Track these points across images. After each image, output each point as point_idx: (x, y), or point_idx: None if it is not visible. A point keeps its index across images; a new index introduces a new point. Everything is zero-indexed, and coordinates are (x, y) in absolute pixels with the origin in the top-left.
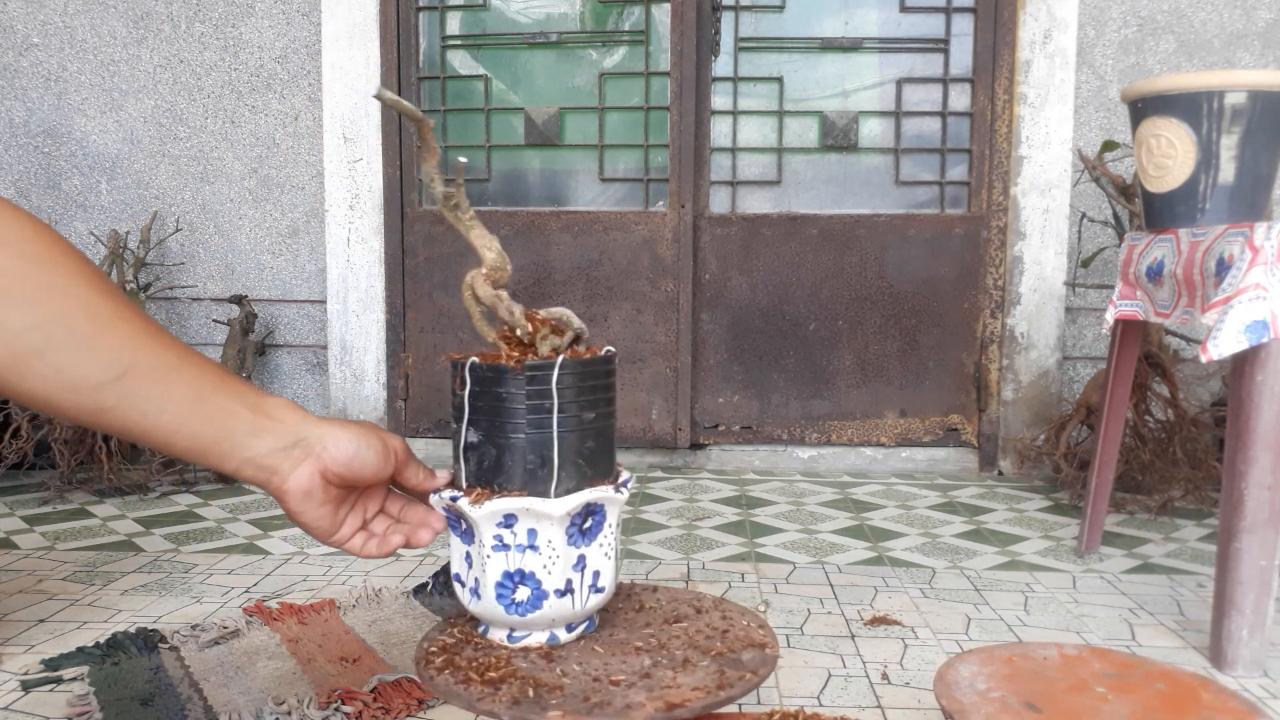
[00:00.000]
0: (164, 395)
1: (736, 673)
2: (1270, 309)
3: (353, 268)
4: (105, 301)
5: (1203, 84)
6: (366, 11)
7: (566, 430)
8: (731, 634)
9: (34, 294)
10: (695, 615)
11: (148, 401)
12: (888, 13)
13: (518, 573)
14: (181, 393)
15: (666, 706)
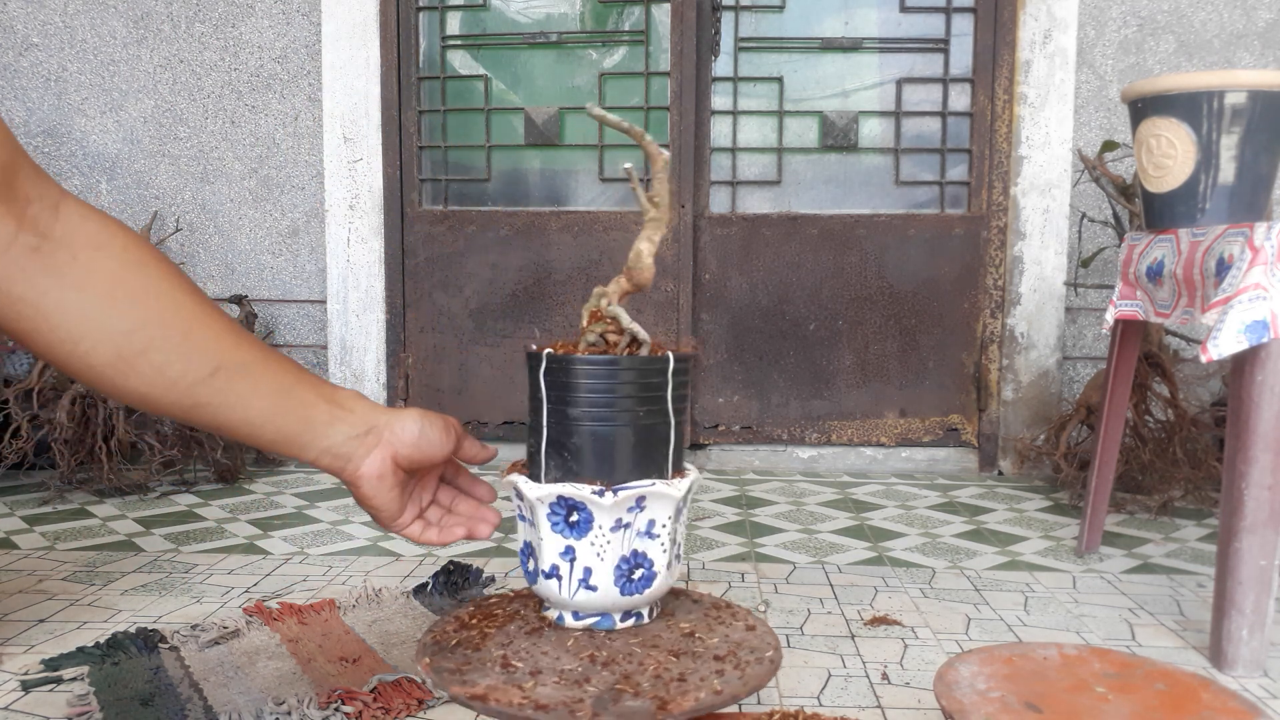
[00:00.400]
0: (252, 391)
1: (737, 676)
2: (1270, 309)
3: (353, 268)
4: (195, 303)
5: (1203, 84)
6: (366, 11)
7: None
8: (734, 638)
9: (136, 296)
10: (702, 617)
11: (237, 397)
12: (888, 13)
13: (633, 554)
14: (267, 388)
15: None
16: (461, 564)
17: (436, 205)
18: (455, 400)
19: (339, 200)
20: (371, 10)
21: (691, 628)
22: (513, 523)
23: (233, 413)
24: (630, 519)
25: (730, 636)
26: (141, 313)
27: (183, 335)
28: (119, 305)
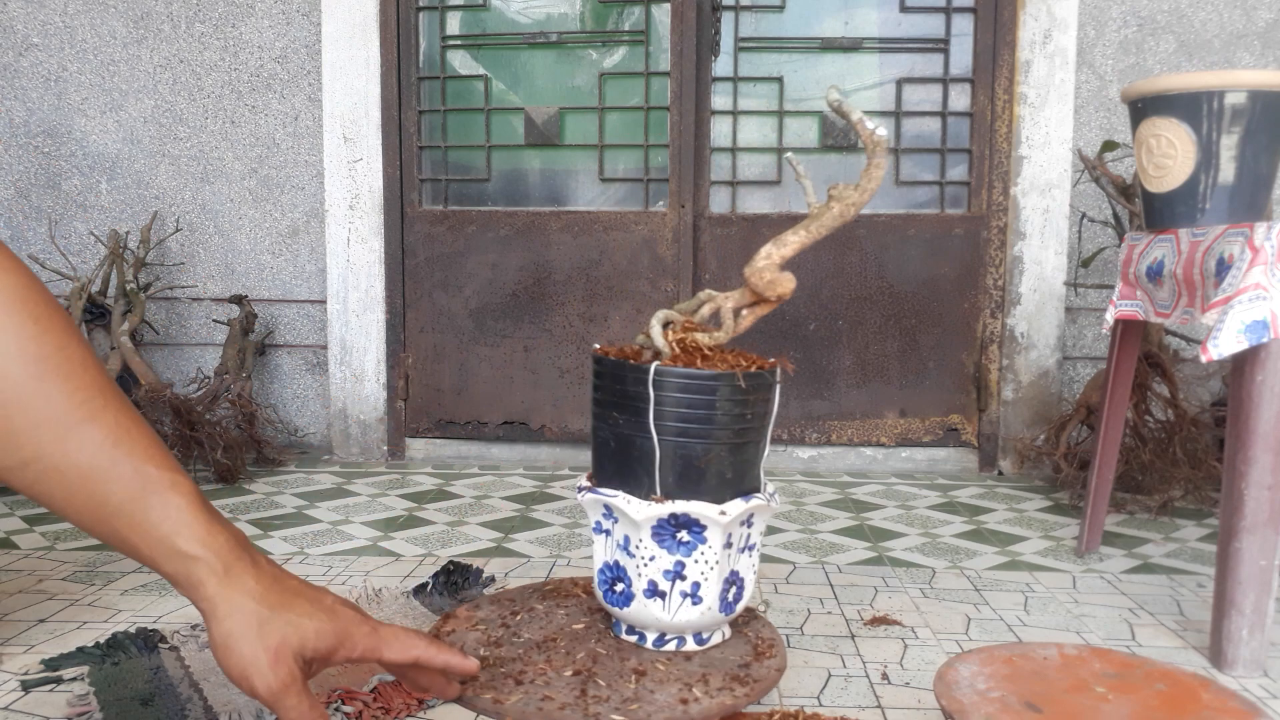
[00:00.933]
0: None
1: (744, 688)
2: (1270, 309)
3: (353, 268)
4: (28, 373)
5: (1203, 84)
6: (366, 11)
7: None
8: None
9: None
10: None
11: (53, 499)
12: (888, 13)
13: (732, 572)
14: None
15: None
16: (462, 564)
17: (436, 205)
18: (455, 400)
19: (339, 200)
20: (371, 10)
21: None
22: (510, 524)
23: (55, 507)
24: (737, 535)
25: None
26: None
27: (33, 381)
28: None
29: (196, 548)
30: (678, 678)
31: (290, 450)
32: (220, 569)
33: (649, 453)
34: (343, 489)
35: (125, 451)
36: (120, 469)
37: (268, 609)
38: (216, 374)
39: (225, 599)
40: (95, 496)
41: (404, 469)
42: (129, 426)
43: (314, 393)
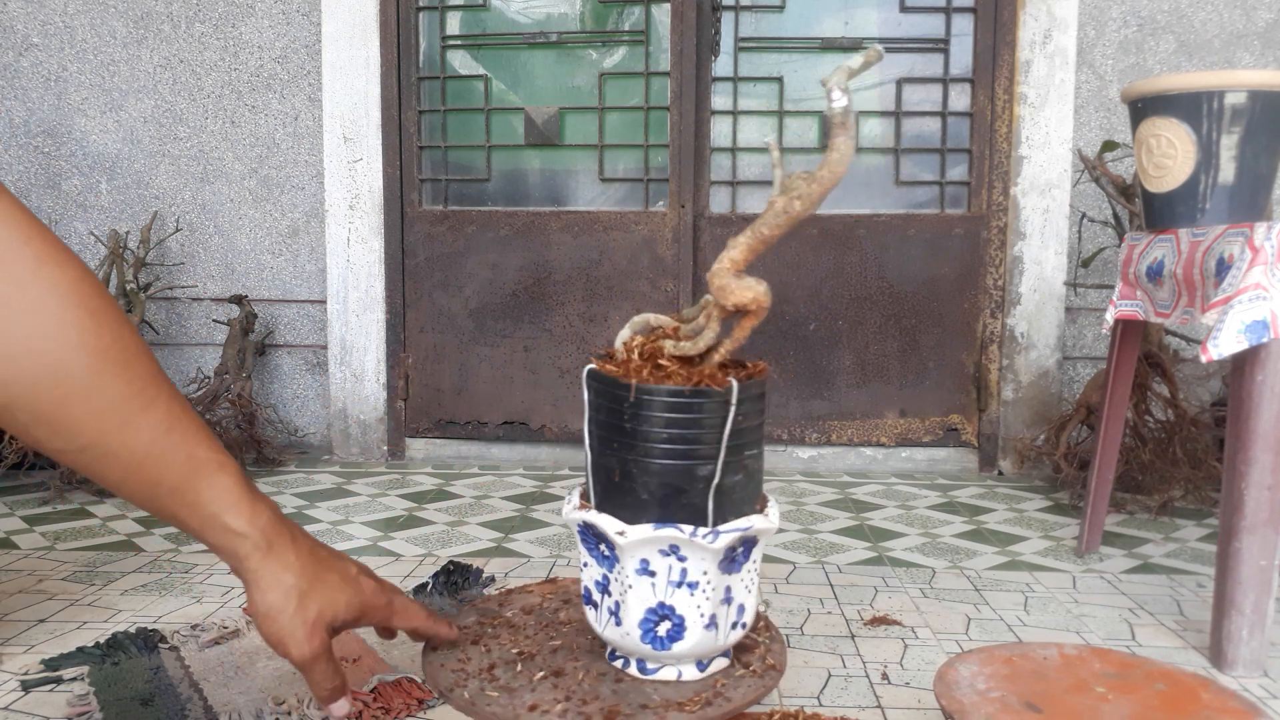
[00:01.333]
0: (120, 480)
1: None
2: (1270, 309)
3: (353, 268)
4: (86, 365)
5: (1203, 84)
6: (366, 11)
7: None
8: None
9: (12, 351)
10: None
11: (109, 479)
12: (888, 13)
13: (726, 590)
14: (138, 484)
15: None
16: (462, 564)
17: (436, 205)
18: (455, 400)
19: (339, 200)
20: (371, 10)
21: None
22: (510, 524)
23: (109, 486)
24: (730, 559)
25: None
26: (11, 370)
27: (57, 403)
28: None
29: (243, 525)
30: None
31: (290, 450)
32: (264, 545)
33: (641, 475)
34: (343, 489)
35: (178, 437)
36: (174, 454)
37: (305, 583)
38: (216, 374)
39: (268, 573)
40: (150, 479)
41: (404, 469)
42: (179, 413)
43: (314, 393)
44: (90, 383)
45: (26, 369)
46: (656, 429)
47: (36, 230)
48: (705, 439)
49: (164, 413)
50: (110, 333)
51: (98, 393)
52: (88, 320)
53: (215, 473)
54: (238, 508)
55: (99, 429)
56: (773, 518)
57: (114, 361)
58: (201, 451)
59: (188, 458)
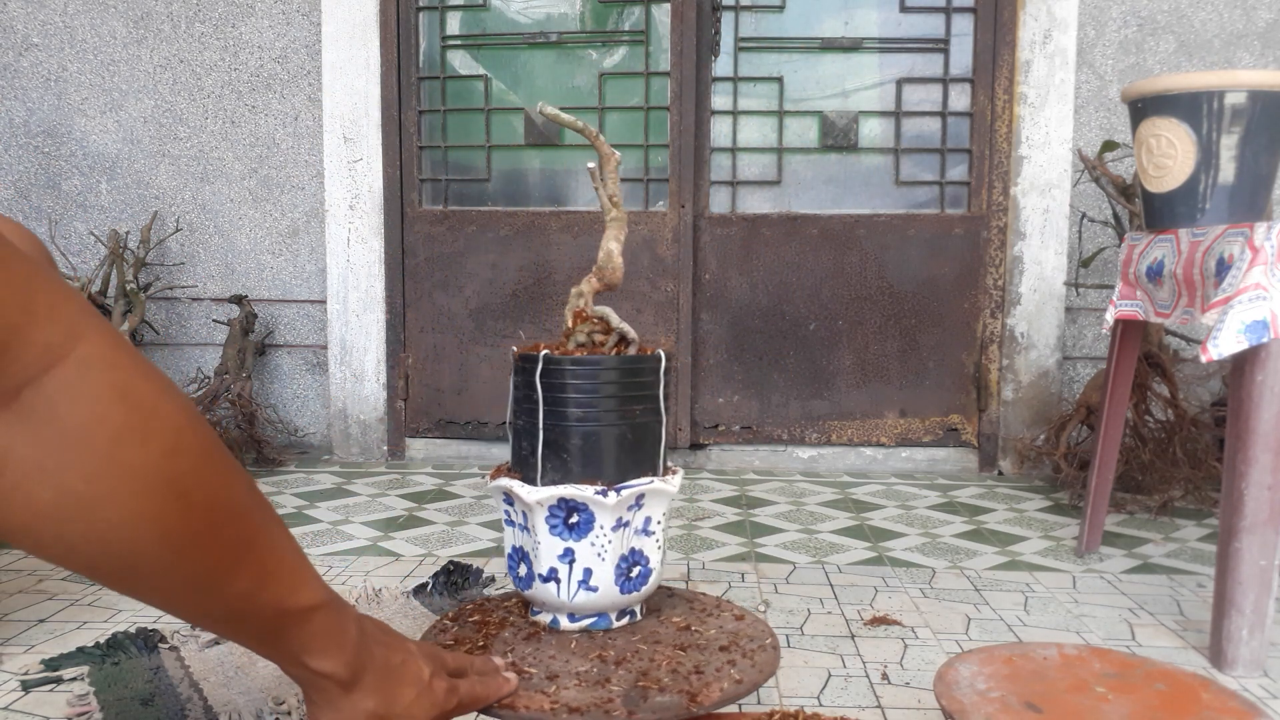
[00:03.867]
0: (197, 624)
1: (749, 664)
2: (1270, 309)
3: (353, 268)
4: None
5: (1203, 84)
6: (366, 11)
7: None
8: (729, 629)
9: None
10: (689, 610)
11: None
12: (888, 13)
13: (631, 552)
14: (217, 631)
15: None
16: (461, 564)
17: (436, 205)
18: (455, 400)
19: (339, 200)
20: (371, 10)
21: (684, 621)
22: None
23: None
24: (630, 517)
25: (724, 627)
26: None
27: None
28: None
29: (328, 666)
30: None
31: (290, 450)
32: (348, 680)
33: (532, 437)
34: (343, 489)
35: (267, 597)
36: (260, 614)
37: (384, 710)
38: (216, 374)
39: (349, 704)
40: (232, 632)
41: (404, 469)
42: (271, 566)
43: (314, 393)
44: (165, 568)
45: (86, 557)
46: (663, 391)
47: (120, 390)
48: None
49: (254, 575)
50: (200, 512)
51: (173, 575)
52: (171, 505)
53: (304, 622)
54: (325, 650)
55: (174, 601)
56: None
57: (199, 543)
58: (292, 601)
59: (276, 614)
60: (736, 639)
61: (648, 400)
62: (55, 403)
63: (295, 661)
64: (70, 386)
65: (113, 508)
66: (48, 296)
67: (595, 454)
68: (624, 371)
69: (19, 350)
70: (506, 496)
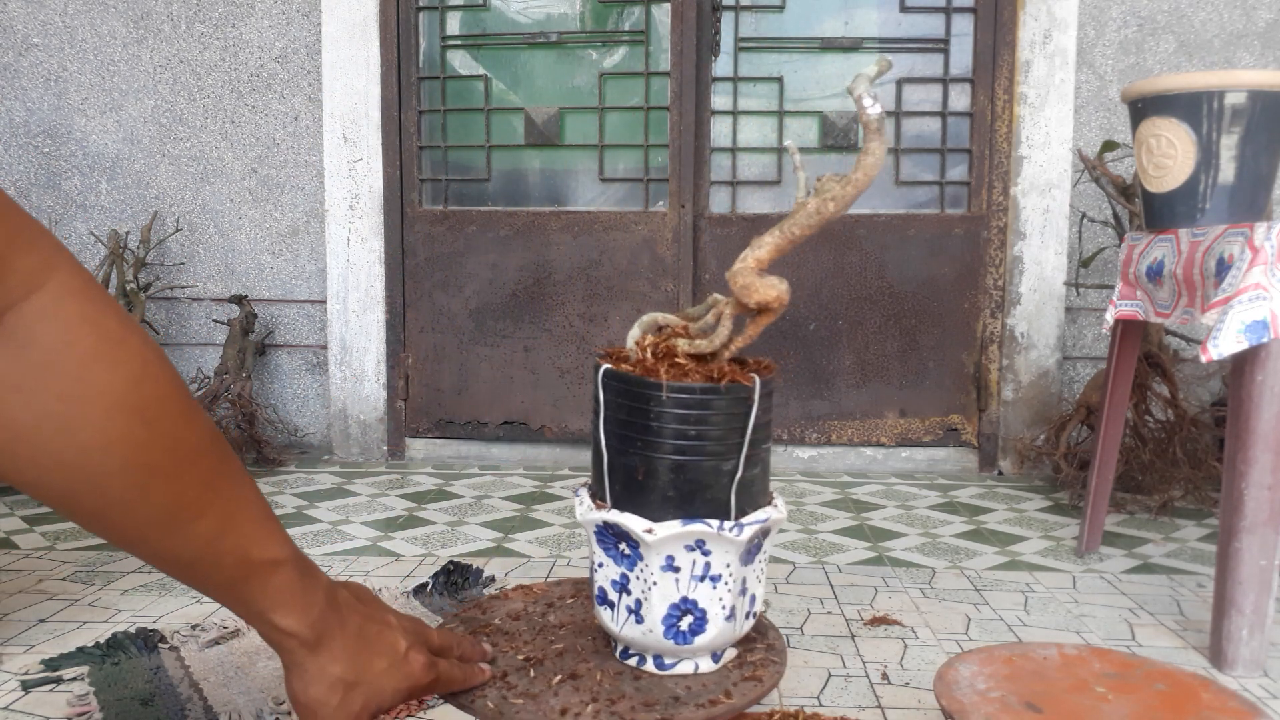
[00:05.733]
0: (164, 569)
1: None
2: (1270, 309)
3: (353, 268)
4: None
5: (1203, 84)
6: (366, 11)
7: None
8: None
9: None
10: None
11: (152, 564)
12: (888, 13)
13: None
14: (183, 577)
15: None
16: (462, 564)
17: (436, 205)
18: (455, 400)
19: (339, 200)
20: (371, 10)
21: None
22: (510, 524)
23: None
24: (690, 561)
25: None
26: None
27: (93, 514)
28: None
29: (292, 624)
30: None
31: (290, 450)
32: (312, 641)
33: (599, 457)
34: (343, 489)
35: (231, 543)
36: (224, 559)
37: (352, 674)
38: (216, 374)
39: (315, 666)
40: (197, 578)
41: (404, 469)
42: (235, 512)
43: (314, 393)
44: (132, 498)
45: (60, 481)
46: (682, 426)
47: (91, 319)
48: (729, 435)
49: (218, 517)
50: (164, 443)
51: (140, 507)
52: (137, 432)
53: (268, 575)
54: (288, 606)
55: (139, 537)
56: (782, 508)
57: (164, 475)
58: (256, 552)
59: (239, 562)
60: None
61: (768, 427)
62: (33, 327)
63: (260, 617)
64: (47, 312)
65: (84, 430)
66: (27, 229)
67: (644, 483)
68: (675, 399)
69: (3, 276)
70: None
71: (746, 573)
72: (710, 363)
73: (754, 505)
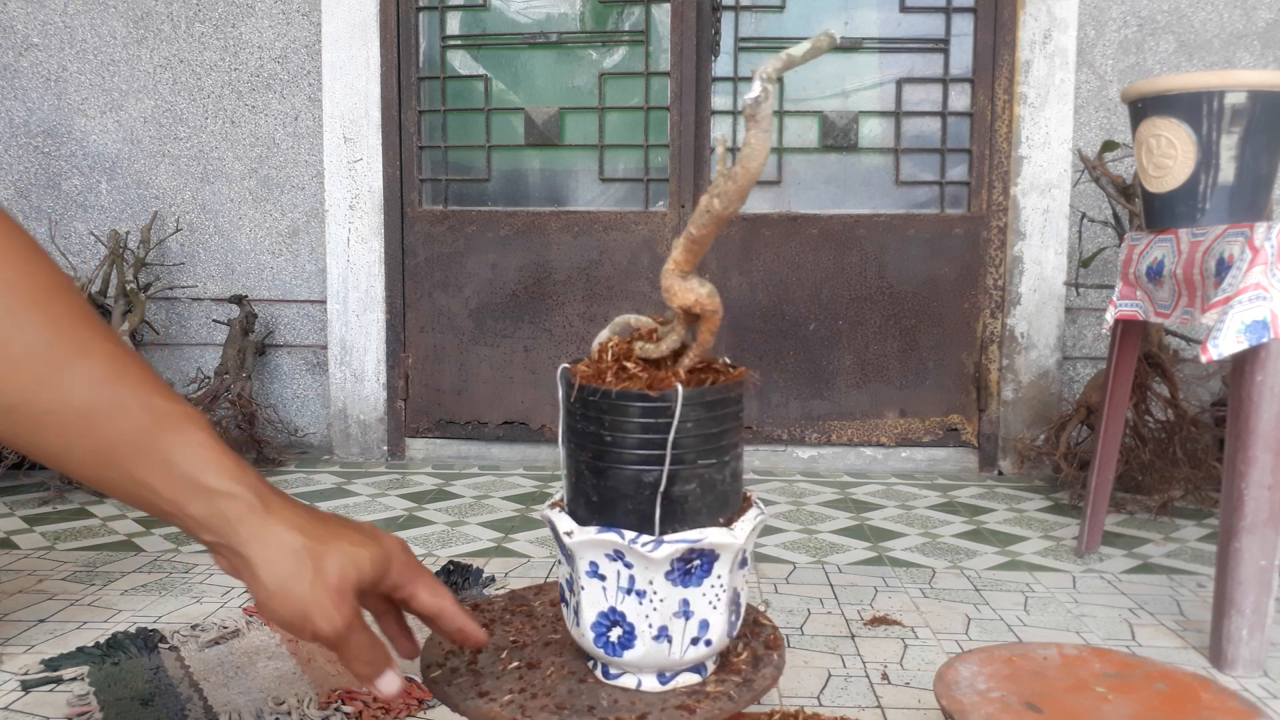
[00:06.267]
0: (64, 448)
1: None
2: (1270, 309)
3: (353, 268)
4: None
5: (1203, 84)
6: (366, 11)
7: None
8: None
9: None
10: None
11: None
12: (888, 13)
13: (734, 592)
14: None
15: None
16: (462, 564)
17: (436, 205)
18: (455, 400)
19: (339, 200)
20: (371, 10)
21: None
22: (510, 524)
23: (52, 458)
24: (689, 569)
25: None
26: None
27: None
28: None
29: (228, 483)
30: None
31: (290, 450)
32: (259, 503)
33: (651, 485)
34: (343, 489)
35: (129, 385)
36: (125, 404)
37: (319, 542)
38: (216, 374)
39: (272, 536)
40: (100, 440)
41: (404, 469)
42: (125, 358)
43: (314, 393)
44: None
45: None
46: (605, 431)
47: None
48: (648, 445)
49: (107, 356)
50: (18, 265)
51: (14, 337)
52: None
53: (182, 424)
54: (219, 463)
55: (22, 383)
56: (739, 531)
57: (29, 300)
58: (161, 400)
59: (143, 408)
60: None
61: (715, 439)
62: None
63: (189, 486)
64: None
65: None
66: None
67: (657, 500)
68: (679, 408)
69: None
70: (553, 530)
71: (687, 595)
72: (668, 368)
73: (692, 523)
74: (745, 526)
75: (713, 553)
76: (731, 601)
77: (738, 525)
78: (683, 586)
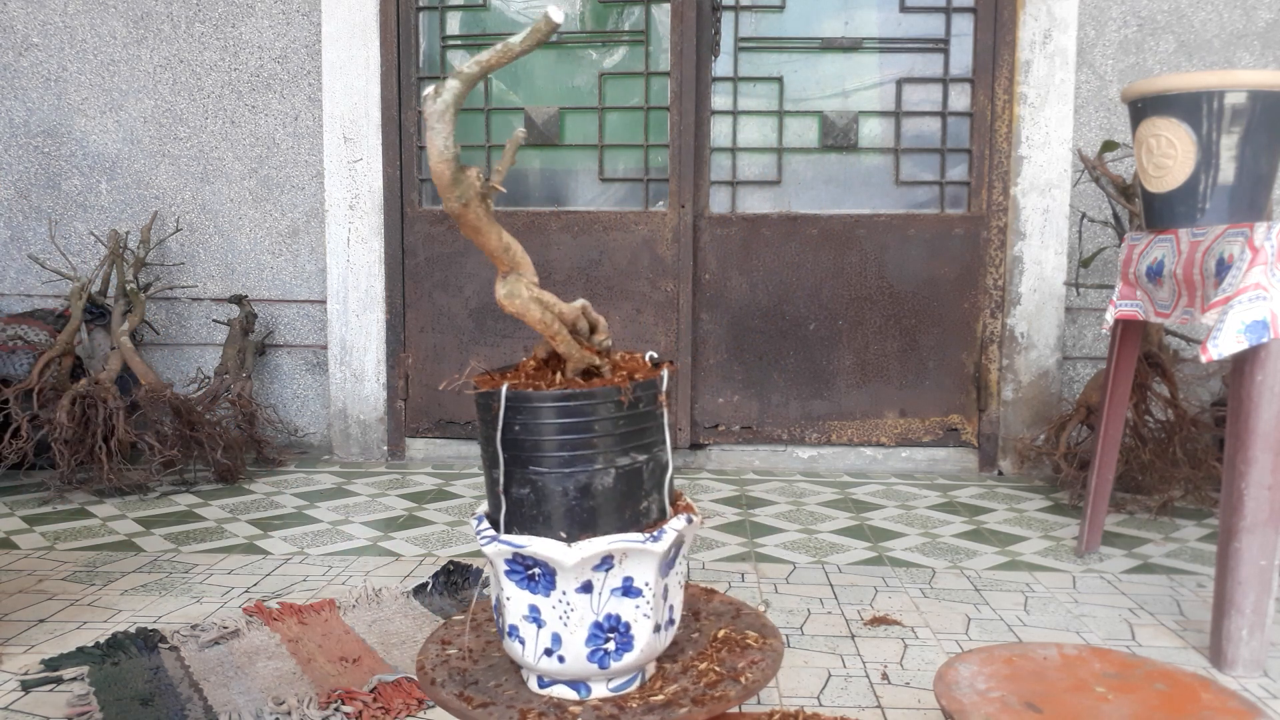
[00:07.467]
0: None
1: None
2: (1270, 309)
3: (353, 268)
4: None
5: (1203, 84)
6: (366, 11)
7: None
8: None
9: None
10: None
11: None
12: (888, 13)
13: (665, 590)
14: None
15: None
16: (461, 564)
17: (436, 205)
18: (455, 400)
19: (339, 200)
20: (371, 10)
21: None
22: None
23: None
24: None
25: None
26: None
27: None
28: None
29: None
30: None
31: (290, 450)
32: None
33: (636, 483)
34: (343, 489)
35: None
36: None
37: None
38: (216, 374)
39: None
40: None
41: (404, 469)
42: None
43: (314, 393)
44: None
45: None
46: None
47: None
48: (490, 444)
49: None
50: None
51: None
52: None
53: None
54: None
55: None
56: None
57: None
58: None
59: None
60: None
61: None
62: None
63: None
64: None
65: None
66: None
67: (652, 487)
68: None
69: None
70: (604, 560)
71: (616, 607)
72: (600, 366)
73: (528, 530)
74: (577, 550)
75: (613, 557)
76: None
77: (665, 532)
78: (530, 593)
